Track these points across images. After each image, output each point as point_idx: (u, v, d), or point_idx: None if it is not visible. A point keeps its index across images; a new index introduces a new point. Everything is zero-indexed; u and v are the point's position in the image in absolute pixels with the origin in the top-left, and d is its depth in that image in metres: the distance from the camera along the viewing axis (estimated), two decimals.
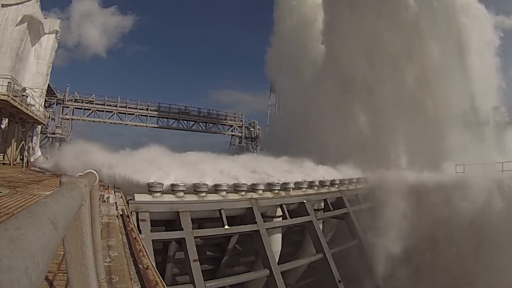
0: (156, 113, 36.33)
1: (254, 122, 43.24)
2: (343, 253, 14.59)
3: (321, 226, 14.50)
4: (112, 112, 34.82)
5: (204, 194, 11.39)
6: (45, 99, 25.99)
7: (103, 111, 34.53)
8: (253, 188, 12.73)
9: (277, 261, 11.87)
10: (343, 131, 20.96)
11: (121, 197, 9.44)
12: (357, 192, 16.97)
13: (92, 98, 34.14)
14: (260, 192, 12.84)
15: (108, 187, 9.64)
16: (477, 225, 14.31)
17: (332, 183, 16.00)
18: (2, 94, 16.56)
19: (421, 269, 14.56)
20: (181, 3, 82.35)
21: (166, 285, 3.78)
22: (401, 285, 14.03)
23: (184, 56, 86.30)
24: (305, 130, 26.06)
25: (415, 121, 18.85)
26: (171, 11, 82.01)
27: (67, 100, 32.60)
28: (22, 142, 21.66)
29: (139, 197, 10.17)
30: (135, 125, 35.97)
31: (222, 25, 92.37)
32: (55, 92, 30.15)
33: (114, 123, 35.21)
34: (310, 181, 14.81)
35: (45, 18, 23.20)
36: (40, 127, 26.90)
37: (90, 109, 33.86)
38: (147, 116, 36.07)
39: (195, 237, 10.17)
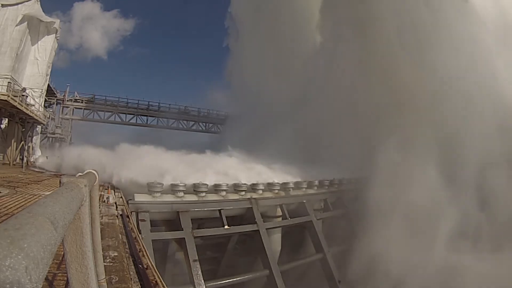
0: (156, 113, 36.30)
1: None
2: (343, 253, 14.56)
3: (321, 226, 14.50)
4: (112, 112, 34.80)
5: (204, 194, 11.40)
6: (45, 99, 25.92)
7: (103, 111, 34.50)
8: (253, 188, 12.73)
9: (277, 261, 11.87)
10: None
11: (121, 197, 9.46)
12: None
13: (92, 98, 34.10)
14: (260, 192, 12.84)
15: (108, 187, 9.65)
16: None
17: (332, 183, 16.00)
18: (2, 94, 16.53)
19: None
20: (181, 5, 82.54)
21: (166, 285, 3.78)
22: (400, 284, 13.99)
23: (184, 57, 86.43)
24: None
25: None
26: (171, 13, 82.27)
27: (67, 100, 32.51)
28: (22, 142, 21.63)
29: (139, 197, 10.17)
30: (135, 125, 35.94)
31: (222, 25, 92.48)
32: (55, 92, 30.04)
33: (114, 123, 35.17)
34: (310, 181, 14.81)
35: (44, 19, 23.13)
36: (40, 127, 26.85)
37: (90, 109, 33.82)
38: (147, 116, 36.05)
39: (195, 237, 10.17)
